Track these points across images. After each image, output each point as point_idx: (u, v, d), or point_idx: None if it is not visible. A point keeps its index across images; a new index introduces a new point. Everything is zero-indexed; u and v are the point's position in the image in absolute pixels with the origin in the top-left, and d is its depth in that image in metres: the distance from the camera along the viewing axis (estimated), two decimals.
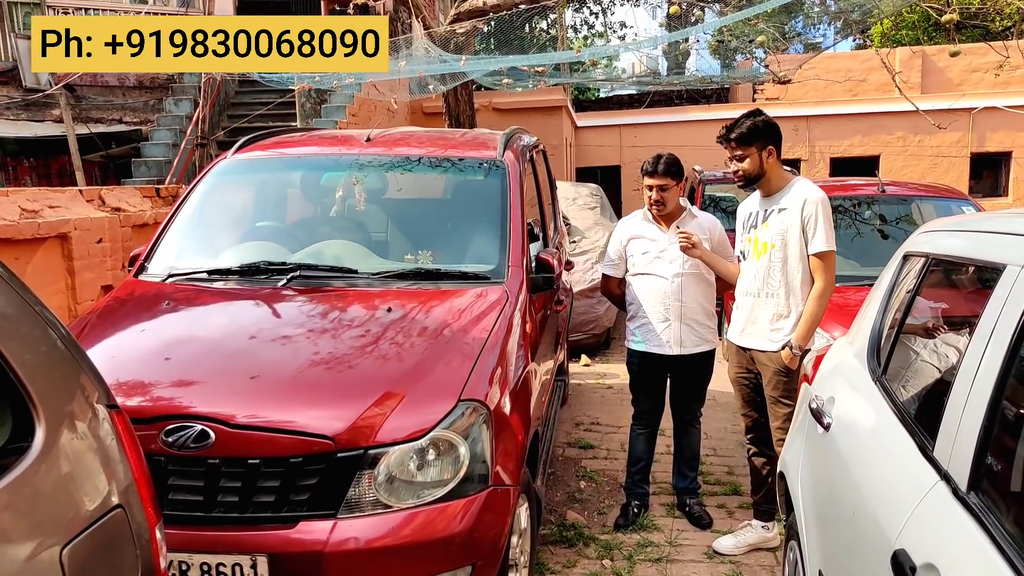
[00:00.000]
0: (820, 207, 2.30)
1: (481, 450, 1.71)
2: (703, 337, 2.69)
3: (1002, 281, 1.11)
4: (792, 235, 2.33)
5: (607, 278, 2.86)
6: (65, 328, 1.13)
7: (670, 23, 7.76)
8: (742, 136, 2.36)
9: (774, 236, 2.36)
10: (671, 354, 2.68)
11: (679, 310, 2.64)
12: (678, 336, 2.66)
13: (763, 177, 2.39)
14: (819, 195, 2.32)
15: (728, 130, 2.40)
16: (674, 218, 2.70)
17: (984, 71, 10.64)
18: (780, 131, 2.41)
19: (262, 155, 2.86)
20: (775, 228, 2.36)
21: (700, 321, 2.67)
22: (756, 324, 2.44)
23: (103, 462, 1.08)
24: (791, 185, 2.38)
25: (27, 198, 3.89)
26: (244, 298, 2.23)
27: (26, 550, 0.89)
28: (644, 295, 2.70)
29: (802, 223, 2.31)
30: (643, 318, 2.71)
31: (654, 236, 2.69)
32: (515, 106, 9.64)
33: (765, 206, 2.42)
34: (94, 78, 7.77)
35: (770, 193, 2.41)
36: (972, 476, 1.00)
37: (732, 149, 2.39)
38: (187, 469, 1.59)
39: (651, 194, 2.64)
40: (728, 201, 7.39)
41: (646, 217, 2.73)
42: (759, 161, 2.36)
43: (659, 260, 2.66)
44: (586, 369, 5.12)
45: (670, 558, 2.54)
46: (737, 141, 2.36)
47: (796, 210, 2.32)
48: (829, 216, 2.32)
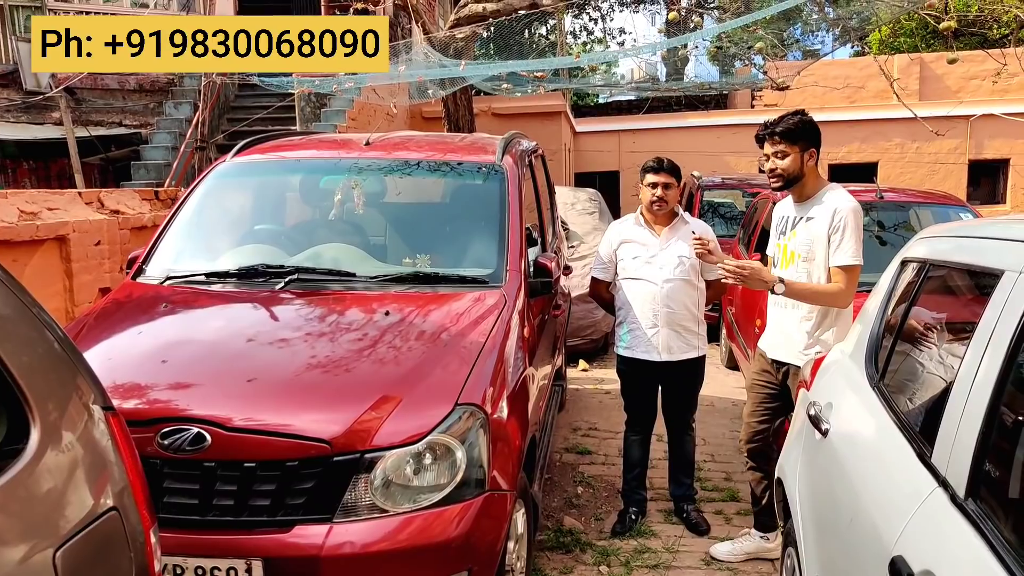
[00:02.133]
0: (850, 218, 2.16)
1: (478, 455, 1.71)
2: (691, 344, 2.67)
3: (1000, 287, 1.12)
4: (818, 247, 2.22)
5: (596, 281, 2.85)
6: (62, 330, 1.13)
7: (669, 29, 7.80)
8: (788, 132, 2.20)
9: (800, 246, 2.26)
10: (658, 360, 2.66)
11: (667, 316, 2.63)
12: (666, 342, 2.64)
13: (801, 180, 2.25)
14: (851, 205, 2.18)
15: (773, 124, 2.24)
16: (667, 222, 2.70)
17: (982, 78, 10.71)
18: (821, 137, 2.28)
19: (261, 158, 2.87)
20: (802, 237, 2.26)
21: (688, 328, 2.65)
22: (787, 338, 2.33)
23: (98, 464, 1.07)
24: (823, 192, 2.26)
25: (26, 200, 3.89)
26: (242, 301, 2.23)
27: (19, 552, 0.88)
28: (633, 300, 2.69)
29: (828, 234, 2.19)
30: (631, 323, 2.70)
31: (645, 240, 2.69)
32: (514, 111, 9.67)
33: (797, 212, 2.31)
34: (94, 81, 7.78)
35: (803, 199, 2.29)
36: (970, 483, 1.00)
37: (774, 143, 2.23)
38: (183, 472, 1.59)
39: (654, 191, 2.63)
40: (726, 207, 7.40)
41: (638, 221, 2.73)
42: (800, 162, 2.22)
43: (649, 265, 2.65)
44: (584, 374, 5.11)
45: (667, 565, 2.53)
46: (782, 136, 2.20)
47: (825, 220, 2.20)
48: (859, 228, 2.18)
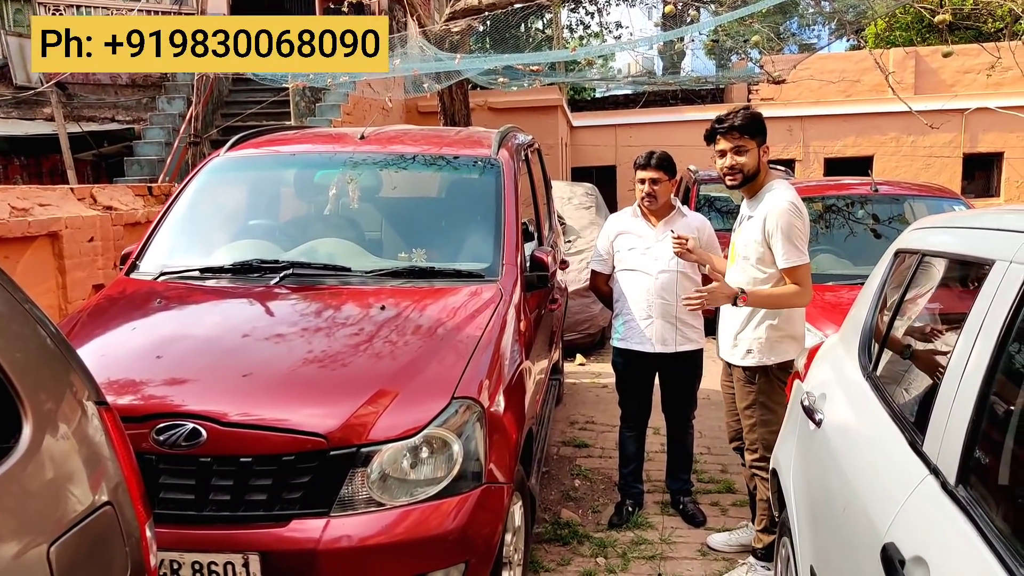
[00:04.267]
0: (781, 220, 2.09)
1: (475, 448, 1.71)
2: (687, 336, 2.67)
3: (991, 276, 1.12)
4: (751, 250, 2.18)
5: (595, 274, 2.85)
6: (55, 326, 1.13)
7: (665, 23, 7.77)
8: (746, 126, 2.12)
9: (741, 245, 2.25)
10: (653, 352, 2.66)
11: (662, 307, 2.63)
12: (660, 334, 2.64)
13: (756, 176, 2.20)
14: (782, 207, 2.11)
15: (731, 117, 2.15)
16: (664, 215, 2.70)
17: (976, 72, 10.73)
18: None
19: (255, 153, 2.85)
20: (744, 237, 2.24)
21: (683, 320, 2.65)
22: (724, 333, 2.35)
23: (92, 459, 1.07)
24: (765, 191, 2.21)
25: (17, 196, 3.86)
26: (236, 296, 2.22)
27: (13, 548, 0.88)
28: (628, 291, 2.69)
29: (764, 238, 2.15)
30: (627, 315, 2.70)
31: (641, 232, 2.69)
32: (510, 105, 9.64)
33: (746, 210, 2.28)
34: (86, 76, 7.72)
35: (752, 195, 2.25)
36: (961, 470, 1.01)
37: (733, 139, 2.14)
38: (178, 468, 1.58)
39: (643, 187, 2.64)
40: (723, 201, 7.40)
41: (635, 213, 2.73)
42: (758, 156, 2.17)
43: (644, 256, 2.65)
44: (581, 368, 5.12)
45: (664, 556, 2.55)
46: (742, 129, 2.12)
47: (759, 224, 2.16)
48: (793, 227, 2.10)
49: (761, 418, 2.27)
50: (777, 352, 2.25)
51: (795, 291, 2.17)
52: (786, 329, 2.25)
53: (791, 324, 2.26)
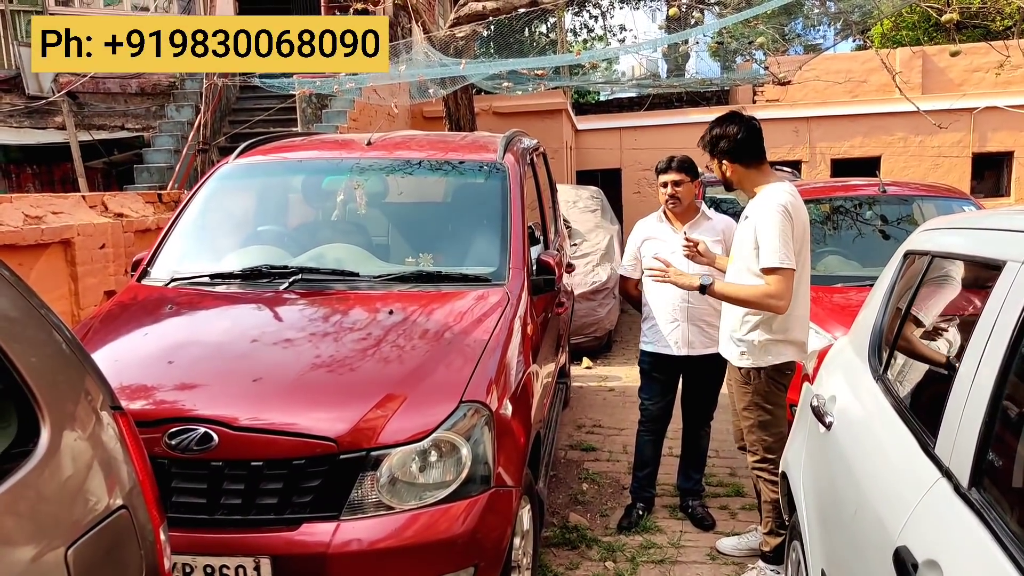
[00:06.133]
0: (768, 217, 2.07)
1: (483, 451, 1.72)
2: (713, 339, 2.66)
3: (1002, 278, 1.12)
4: (745, 250, 2.20)
5: (624, 279, 2.90)
6: (70, 331, 1.14)
7: (669, 26, 7.77)
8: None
9: (736, 246, 2.27)
10: (679, 355, 2.68)
11: (687, 311, 2.65)
12: (686, 337, 2.66)
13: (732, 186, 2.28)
14: (771, 207, 2.08)
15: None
16: (689, 218, 2.71)
17: (985, 71, 10.64)
18: (745, 137, 2.17)
19: (264, 159, 2.88)
20: (739, 237, 2.26)
21: (709, 323, 2.65)
22: (723, 331, 2.34)
23: (107, 464, 1.09)
24: (761, 192, 2.20)
25: (30, 204, 3.91)
26: (246, 302, 2.24)
27: (32, 551, 0.89)
28: (654, 296, 2.72)
29: (753, 236, 2.15)
30: (653, 319, 2.73)
31: (665, 237, 2.72)
32: (515, 110, 9.66)
33: (746, 211, 2.29)
34: (96, 85, 7.81)
35: (752, 196, 2.25)
36: (973, 473, 1.00)
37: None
38: (190, 472, 1.60)
39: (666, 190, 2.67)
40: (729, 203, 7.39)
41: (660, 218, 2.76)
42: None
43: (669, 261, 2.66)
44: (588, 372, 5.11)
45: (673, 560, 2.54)
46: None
47: (750, 224, 2.17)
48: (778, 227, 2.06)
49: (758, 419, 2.27)
50: (771, 355, 2.22)
51: (763, 291, 2.09)
52: (780, 335, 2.20)
53: (787, 330, 2.20)
